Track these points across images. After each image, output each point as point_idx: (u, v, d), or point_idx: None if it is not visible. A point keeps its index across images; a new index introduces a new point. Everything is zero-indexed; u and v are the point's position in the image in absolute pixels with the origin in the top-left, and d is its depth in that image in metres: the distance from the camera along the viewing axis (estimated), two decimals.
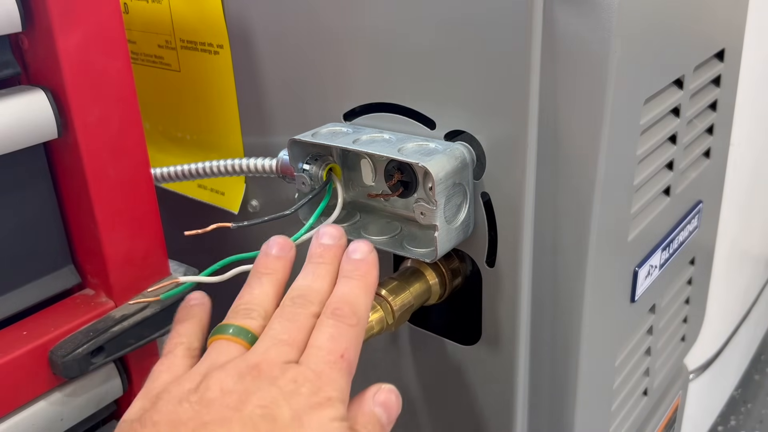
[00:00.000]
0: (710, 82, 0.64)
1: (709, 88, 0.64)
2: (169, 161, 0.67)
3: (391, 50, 0.49)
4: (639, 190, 0.54)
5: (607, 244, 0.50)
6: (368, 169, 0.52)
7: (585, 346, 0.52)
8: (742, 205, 0.95)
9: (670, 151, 0.58)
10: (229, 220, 0.48)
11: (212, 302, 0.45)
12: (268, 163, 0.56)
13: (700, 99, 0.62)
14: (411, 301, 0.51)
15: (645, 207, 0.56)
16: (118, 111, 0.46)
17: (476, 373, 0.55)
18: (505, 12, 0.43)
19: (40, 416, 0.46)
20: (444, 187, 0.45)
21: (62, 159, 0.46)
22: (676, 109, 0.57)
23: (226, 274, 0.46)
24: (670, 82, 0.55)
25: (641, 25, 0.47)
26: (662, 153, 0.57)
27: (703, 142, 0.66)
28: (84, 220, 0.47)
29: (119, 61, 0.45)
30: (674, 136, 0.58)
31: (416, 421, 0.62)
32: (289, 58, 0.55)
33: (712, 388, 1.10)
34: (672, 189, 0.60)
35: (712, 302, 0.84)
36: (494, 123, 0.46)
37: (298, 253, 0.44)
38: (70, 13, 0.42)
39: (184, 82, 0.64)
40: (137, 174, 0.48)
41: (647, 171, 0.54)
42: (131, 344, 0.48)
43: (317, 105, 0.55)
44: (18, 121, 0.42)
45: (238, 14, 0.57)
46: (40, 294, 0.48)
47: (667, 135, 0.57)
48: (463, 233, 0.49)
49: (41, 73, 0.44)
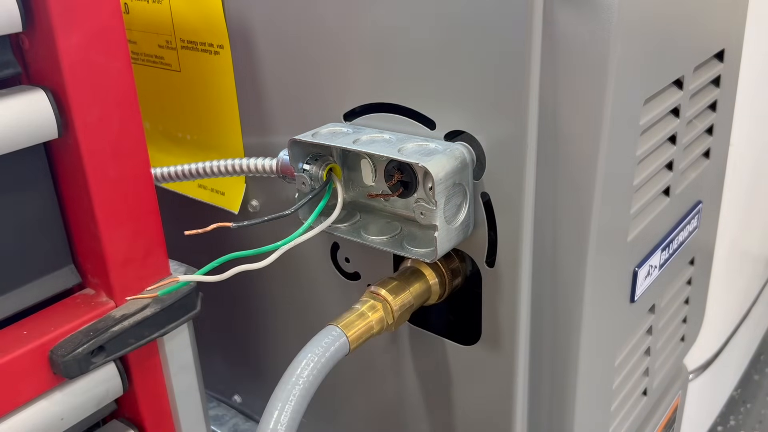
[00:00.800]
0: (710, 82, 0.64)
1: (709, 89, 0.64)
2: (170, 161, 0.67)
3: (391, 50, 0.49)
4: (639, 191, 0.54)
5: (606, 244, 0.50)
6: (368, 169, 0.52)
7: (584, 346, 0.52)
8: (741, 206, 0.95)
9: (670, 151, 0.58)
10: (230, 220, 0.48)
11: (210, 300, 0.45)
12: (269, 163, 0.56)
13: (699, 99, 0.62)
14: (411, 301, 0.51)
15: (645, 207, 0.56)
16: (119, 111, 0.46)
17: (476, 373, 0.55)
18: (506, 12, 0.43)
19: (40, 415, 0.46)
20: (444, 187, 0.45)
21: (63, 159, 0.46)
22: (676, 109, 0.57)
23: (224, 274, 0.46)
24: (670, 83, 0.55)
25: (641, 26, 0.47)
26: (662, 153, 0.57)
27: (703, 143, 0.66)
28: (84, 220, 0.47)
29: (120, 61, 0.45)
30: (674, 137, 0.58)
31: (415, 421, 0.62)
32: (289, 58, 0.55)
33: (711, 388, 1.11)
34: (672, 189, 0.60)
35: (712, 302, 0.84)
36: (494, 123, 0.46)
37: (295, 253, 0.44)
38: (70, 13, 0.42)
39: (184, 82, 0.64)
40: (137, 174, 0.48)
41: (647, 171, 0.54)
42: (131, 344, 0.48)
43: (317, 105, 0.55)
44: (18, 121, 0.42)
45: (239, 14, 0.57)
46: (40, 293, 0.48)
47: (667, 135, 0.57)
48: (463, 233, 0.49)
49: (42, 73, 0.44)
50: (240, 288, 0.71)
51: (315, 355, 0.44)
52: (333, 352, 0.45)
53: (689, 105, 0.59)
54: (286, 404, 0.42)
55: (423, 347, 0.58)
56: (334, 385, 0.66)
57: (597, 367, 0.56)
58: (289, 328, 0.69)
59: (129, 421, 0.54)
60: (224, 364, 0.79)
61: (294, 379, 0.43)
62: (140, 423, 0.53)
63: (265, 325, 0.71)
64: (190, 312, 0.51)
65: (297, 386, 0.43)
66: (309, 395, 0.43)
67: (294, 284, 0.65)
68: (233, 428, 0.78)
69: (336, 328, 0.47)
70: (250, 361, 0.76)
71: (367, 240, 0.51)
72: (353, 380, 0.65)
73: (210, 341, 0.74)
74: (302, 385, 0.43)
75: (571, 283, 0.50)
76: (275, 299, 0.68)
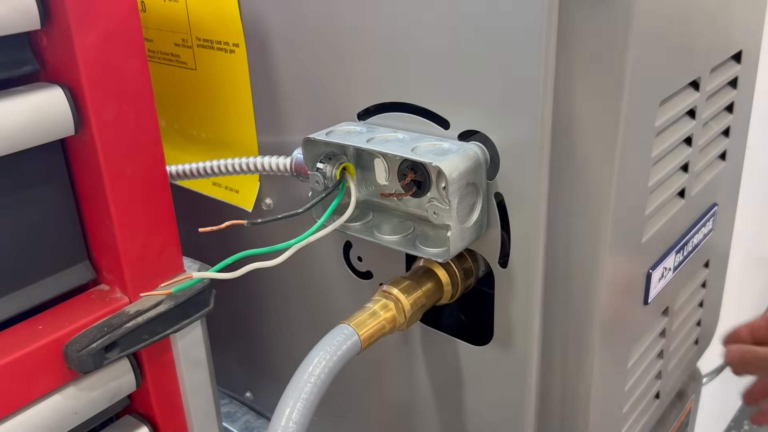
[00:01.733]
0: (727, 84, 0.63)
1: (726, 90, 0.64)
2: (185, 159, 0.67)
3: (405, 50, 0.49)
4: (654, 192, 0.54)
5: (620, 246, 0.50)
6: (382, 169, 0.52)
7: (597, 348, 0.51)
8: (757, 209, 0.94)
9: (686, 153, 0.58)
10: (243, 218, 0.48)
11: (223, 298, 0.45)
12: (283, 162, 0.56)
13: (716, 101, 0.62)
14: (423, 300, 0.51)
15: (659, 209, 0.56)
16: (135, 108, 0.46)
17: (488, 374, 0.55)
18: (521, 11, 0.43)
19: (54, 410, 0.46)
20: (457, 187, 0.45)
21: (79, 156, 0.47)
22: (692, 110, 0.57)
23: (238, 271, 0.46)
24: (687, 84, 0.55)
25: (657, 27, 0.46)
26: (677, 155, 0.57)
27: (719, 145, 0.66)
28: (100, 217, 0.48)
29: (136, 59, 0.46)
30: (690, 138, 0.58)
31: (426, 421, 0.62)
32: (304, 57, 0.56)
33: (725, 393, 1.10)
34: (687, 191, 0.60)
35: (727, 305, 0.83)
36: (508, 123, 0.46)
37: (308, 252, 0.44)
38: (88, 11, 0.42)
39: (199, 80, 0.64)
40: (153, 171, 0.49)
41: (662, 173, 0.54)
42: (145, 340, 0.48)
43: (332, 104, 0.55)
44: (36, 118, 0.43)
45: (254, 13, 0.57)
46: (55, 289, 0.48)
47: (683, 137, 0.56)
48: (476, 233, 0.49)
49: (59, 70, 0.44)
50: (253, 286, 0.71)
51: (327, 354, 0.45)
52: (345, 351, 0.45)
53: (705, 106, 0.59)
54: (298, 402, 0.42)
55: (434, 347, 0.58)
56: (346, 384, 0.66)
57: (610, 369, 0.55)
58: (301, 326, 0.69)
59: (141, 416, 0.54)
60: (236, 361, 0.79)
61: (306, 377, 0.43)
62: (153, 418, 0.54)
63: (277, 323, 0.71)
64: (203, 309, 0.51)
65: (309, 384, 0.43)
66: (321, 393, 0.43)
67: (306, 282, 0.65)
68: (245, 425, 0.78)
69: (348, 327, 0.47)
70: (263, 359, 0.76)
71: (380, 239, 0.51)
72: (364, 379, 0.65)
73: (222, 338, 0.75)
74: (314, 383, 0.43)
75: (585, 285, 0.49)
76: (288, 297, 0.68)
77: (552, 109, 0.45)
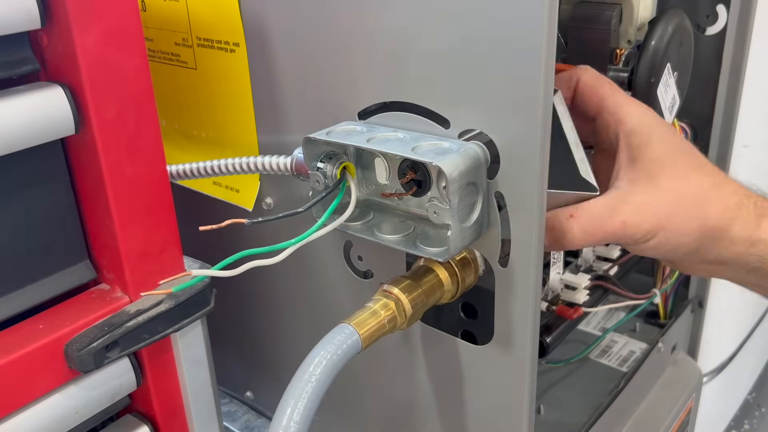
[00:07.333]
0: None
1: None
2: (185, 158, 0.67)
3: (406, 50, 0.49)
4: None
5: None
6: (382, 168, 0.52)
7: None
8: None
9: None
10: (244, 218, 0.48)
11: (223, 297, 0.45)
12: (283, 162, 0.56)
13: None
14: (423, 299, 0.51)
15: None
16: (135, 108, 0.46)
17: (488, 373, 0.55)
18: (521, 11, 0.43)
19: (55, 409, 0.46)
20: (457, 186, 0.45)
21: (79, 155, 0.47)
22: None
23: (238, 269, 0.46)
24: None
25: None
26: None
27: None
28: (100, 216, 0.48)
29: (137, 58, 0.46)
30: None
31: (426, 420, 0.62)
32: (304, 56, 0.56)
33: (726, 392, 1.10)
34: None
35: (726, 305, 0.83)
36: (509, 123, 0.46)
37: (308, 251, 0.45)
38: (88, 10, 0.42)
39: (200, 79, 0.64)
40: (153, 171, 0.49)
41: None
42: (145, 339, 0.48)
43: (332, 104, 0.55)
44: (36, 117, 0.43)
45: (255, 13, 0.57)
46: (56, 288, 0.48)
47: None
48: (476, 233, 0.49)
49: (59, 69, 0.44)
50: (253, 285, 0.71)
51: (328, 353, 0.45)
52: (345, 350, 0.45)
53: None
54: (299, 401, 0.42)
55: (435, 346, 0.58)
56: (346, 383, 0.66)
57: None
58: (301, 325, 0.69)
59: (142, 415, 0.54)
60: (237, 360, 0.79)
61: (307, 377, 0.43)
62: (153, 418, 0.54)
63: (277, 323, 0.71)
64: (204, 308, 0.51)
65: (309, 384, 0.43)
66: (321, 393, 0.43)
67: (307, 282, 0.65)
68: (245, 424, 0.78)
69: (348, 326, 0.47)
70: (263, 358, 0.76)
71: (380, 238, 0.51)
72: (365, 378, 0.65)
73: (223, 338, 0.75)
74: (315, 382, 0.43)
75: None
76: (288, 297, 0.69)
77: (552, 108, 0.45)
